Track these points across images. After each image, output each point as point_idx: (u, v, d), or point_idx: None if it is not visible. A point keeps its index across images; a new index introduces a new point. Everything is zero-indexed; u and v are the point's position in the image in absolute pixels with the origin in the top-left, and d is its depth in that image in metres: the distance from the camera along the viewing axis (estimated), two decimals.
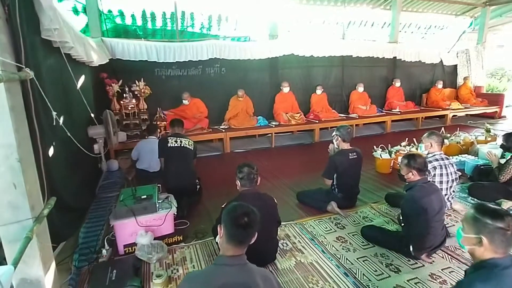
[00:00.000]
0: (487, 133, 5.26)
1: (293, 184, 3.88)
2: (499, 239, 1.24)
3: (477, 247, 1.30)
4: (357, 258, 2.38)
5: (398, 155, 4.27)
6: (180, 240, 2.63)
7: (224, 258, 1.38)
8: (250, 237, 1.42)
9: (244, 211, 1.42)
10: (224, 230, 1.41)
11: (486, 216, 1.28)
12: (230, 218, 1.41)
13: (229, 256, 1.37)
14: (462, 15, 9.52)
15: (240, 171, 2.21)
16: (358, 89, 7.18)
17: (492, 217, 1.26)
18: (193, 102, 5.71)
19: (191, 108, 5.72)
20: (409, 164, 2.36)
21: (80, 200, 3.01)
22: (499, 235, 1.24)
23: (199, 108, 5.78)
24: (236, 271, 1.34)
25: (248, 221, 1.39)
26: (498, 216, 1.26)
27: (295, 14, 8.06)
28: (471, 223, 1.32)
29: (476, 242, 1.29)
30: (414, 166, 2.34)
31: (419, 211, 2.21)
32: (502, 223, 1.24)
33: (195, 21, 7.17)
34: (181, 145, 3.41)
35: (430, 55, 8.31)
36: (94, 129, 3.76)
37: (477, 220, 1.30)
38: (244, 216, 1.40)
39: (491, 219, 1.26)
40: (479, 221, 1.29)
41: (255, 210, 1.47)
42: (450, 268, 2.24)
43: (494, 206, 1.33)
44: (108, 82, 5.00)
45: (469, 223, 1.34)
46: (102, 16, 5.96)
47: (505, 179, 3.24)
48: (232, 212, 1.43)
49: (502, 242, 1.25)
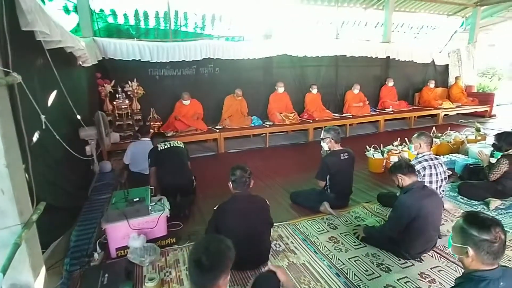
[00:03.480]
0: (477, 132, 5.35)
1: (286, 184, 3.89)
2: (485, 251, 1.22)
3: (465, 257, 1.28)
4: (348, 258, 2.40)
5: (390, 154, 4.32)
6: (173, 242, 2.62)
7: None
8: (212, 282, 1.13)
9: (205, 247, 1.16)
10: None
11: (473, 227, 1.25)
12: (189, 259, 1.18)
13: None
14: (454, 15, 9.62)
15: (232, 174, 2.21)
16: (354, 90, 7.20)
17: (478, 228, 1.24)
18: (193, 103, 5.70)
19: (191, 109, 5.70)
20: (393, 173, 2.45)
21: (71, 202, 2.98)
22: (485, 247, 1.21)
23: (197, 109, 5.77)
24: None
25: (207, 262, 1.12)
26: (485, 227, 1.23)
27: (289, 14, 8.06)
28: (458, 233, 1.30)
29: (463, 252, 1.28)
30: (400, 172, 2.41)
31: (410, 216, 2.24)
32: (489, 235, 1.21)
33: (188, 21, 7.14)
34: (171, 145, 3.45)
35: (422, 55, 8.40)
36: (85, 130, 3.72)
37: (463, 230, 1.28)
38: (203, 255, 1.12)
39: (477, 230, 1.23)
40: (465, 231, 1.27)
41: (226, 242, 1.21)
42: (439, 267, 2.28)
43: (485, 216, 1.30)
44: (100, 83, 4.96)
45: (456, 232, 1.32)
46: (94, 15, 5.90)
47: (495, 178, 3.30)
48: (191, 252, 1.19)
49: (488, 254, 1.22)
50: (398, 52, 7.94)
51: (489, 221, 1.25)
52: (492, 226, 1.22)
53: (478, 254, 1.23)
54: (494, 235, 1.21)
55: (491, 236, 1.21)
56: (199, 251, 1.15)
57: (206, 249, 1.14)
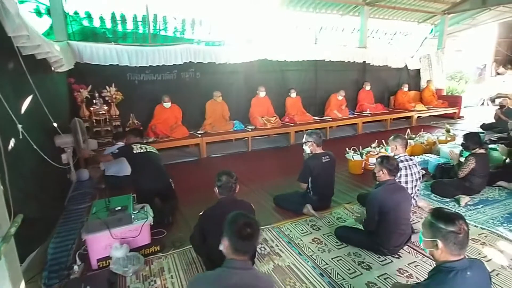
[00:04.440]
0: (447, 133, 5.65)
1: (270, 188, 3.94)
2: (452, 242, 1.36)
3: (435, 250, 1.41)
4: (331, 258, 2.47)
5: (368, 156, 4.48)
6: (157, 250, 2.59)
7: (233, 261, 1.43)
8: (255, 246, 1.47)
9: (245, 222, 1.43)
10: (229, 242, 1.43)
11: (440, 221, 1.39)
12: (233, 231, 1.42)
13: (238, 260, 1.43)
14: (424, 22, 10.13)
15: (218, 179, 2.22)
16: (338, 96, 7.36)
17: (445, 221, 1.38)
18: (172, 107, 5.64)
19: (171, 113, 5.64)
20: (382, 163, 2.53)
21: (47, 213, 2.87)
22: (452, 238, 1.35)
23: (177, 114, 5.72)
24: (245, 274, 1.41)
25: (251, 232, 1.41)
26: (450, 220, 1.37)
27: (269, 19, 8.17)
28: (428, 228, 1.44)
29: (433, 245, 1.40)
30: (386, 166, 2.51)
31: (382, 209, 2.36)
32: (454, 227, 1.35)
33: (168, 25, 7.06)
34: (146, 150, 3.41)
35: (396, 60, 8.79)
36: (61, 138, 3.57)
37: (432, 225, 1.41)
38: (247, 227, 1.41)
39: (444, 223, 1.37)
40: (434, 225, 1.40)
41: (254, 218, 1.49)
42: (416, 262, 2.40)
43: (449, 211, 1.45)
44: (76, 88, 4.80)
45: (426, 227, 1.45)
46: (68, 18, 5.71)
47: (463, 174, 3.52)
48: (234, 225, 1.43)
49: (455, 245, 1.36)
50: (373, 57, 8.26)
51: (453, 215, 1.40)
52: (456, 219, 1.37)
53: (446, 245, 1.36)
54: (459, 227, 1.35)
55: (456, 228, 1.35)
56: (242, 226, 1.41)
57: (247, 224, 1.42)
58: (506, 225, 2.94)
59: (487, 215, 3.14)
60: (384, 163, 2.52)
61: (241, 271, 1.40)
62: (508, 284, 2.16)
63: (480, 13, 10.07)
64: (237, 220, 1.45)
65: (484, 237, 2.73)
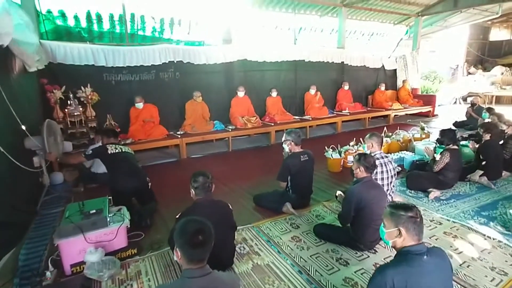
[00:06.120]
0: (422, 131, 5.87)
1: (250, 187, 3.94)
2: (412, 227, 1.49)
3: (398, 239, 1.51)
4: (310, 256, 2.51)
5: (347, 154, 4.58)
6: (134, 253, 2.54)
7: (190, 271, 1.38)
8: (209, 251, 1.40)
9: (196, 229, 1.38)
10: (181, 253, 1.37)
11: (399, 209, 1.53)
12: (184, 240, 1.37)
13: (195, 268, 1.38)
14: (399, 24, 10.49)
15: (194, 181, 2.19)
16: (310, 91, 7.51)
17: (403, 209, 1.52)
18: (146, 107, 5.52)
19: (145, 114, 5.52)
20: (359, 161, 2.60)
21: (18, 218, 2.75)
22: (412, 223, 1.49)
23: (152, 113, 5.60)
24: (204, 280, 1.37)
25: (203, 239, 1.36)
26: (407, 208, 1.53)
27: (248, 19, 8.19)
28: (390, 218, 1.55)
29: (397, 234, 1.51)
30: (363, 163, 2.57)
31: (359, 204, 2.43)
32: (412, 213, 1.50)
33: (146, 24, 6.92)
34: (122, 150, 3.33)
35: (373, 60, 9.04)
36: (30, 140, 3.40)
37: (393, 214, 1.54)
38: (198, 235, 1.36)
39: (403, 211, 1.52)
40: (394, 214, 1.53)
41: (205, 222, 1.43)
42: (391, 257, 2.44)
43: (403, 202, 1.62)
44: (49, 89, 4.62)
45: (388, 218, 1.56)
46: (41, 17, 5.49)
47: (438, 169, 3.68)
48: (184, 234, 1.38)
49: (415, 229, 1.49)
50: (351, 57, 8.46)
51: (408, 204, 1.57)
52: (412, 207, 1.53)
53: (408, 231, 1.49)
54: (415, 212, 1.51)
55: (414, 213, 1.51)
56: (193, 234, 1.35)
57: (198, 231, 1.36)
58: (477, 218, 3.08)
59: (458, 209, 3.28)
60: (361, 160, 2.58)
61: (199, 279, 1.35)
62: (479, 275, 2.25)
63: (451, 15, 10.56)
64: (187, 228, 1.39)
65: (456, 230, 2.85)
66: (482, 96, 11.48)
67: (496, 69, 13.65)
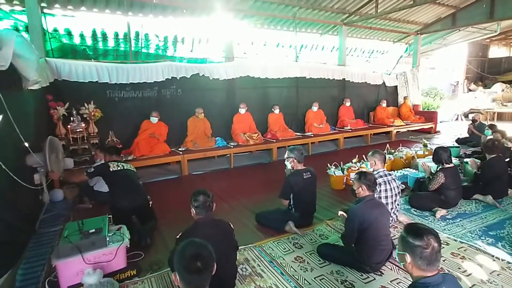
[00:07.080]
0: (424, 147, 5.84)
1: (252, 205, 3.88)
2: (418, 256, 1.38)
3: (406, 264, 1.44)
4: (314, 278, 2.43)
5: (350, 171, 4.53)
6: (133, 274, 2.47)
7: None
8: (209, 278, 1.34)
9: (195, 254, 1.32)
10: (179, 277, 1.32)
11: (409, 235, 1.43)
12: (182, 265, 1.32)
13: None
14: (399, 42, 10.67)
15: (195, 200, 2.15)
16: (313, 108, 7.55)
17: (413, 236, 1.41)
18: (158, 123, 5.58)
19: (154, 129, 5.56)
20: (359, 180, 2.56)
21: (16, 237, 2.70)
22: (418, 252, 1.38)
23: (162, 131, 5.65)
24: None
25: (201, 265, 1.30)
26: (418, 235, 1.40)
27: (250, 37, 8.37)
28: (400, 242, 1.49)
29: (404, 258, 1.44)
30: (364, 181, 2.53)
31: (362, 224, 2.37)
32: (421, 242, 1.38)
33: (150, 42, 7.08)
34: (124, 168, 3.33)
35: (374, 77, 9.13)
36: (32, 157, 3.40)
37: (403, 239, 1.46)
38: (196, 261, 1.30)
39: (412, 237, 1.41)
40: (404, 239, 1.45)
41: (206, 246, 1.38)
42: (398, 279, 2.39)
43: (422, 226, 1.47)
44: (52, 105, 4.67)
45: (399, 241, 1.50)
46: (47, 35, 5.63)
47: (433, 188, 3.60)
48: (183, 259, 1.32)
49: (421, 259, 1.38)
50: (352, 74, 8.55)
51: (423, 230, 1.42)
52: (425, 234, 1.39)
53: (413, 259, 1.39)
54: (426, 242, 1.37)
55: (423, 242, 1.37)
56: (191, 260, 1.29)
57: (196, 256, 1.30)
58: (484, 238, 2.99)
59: (465, 229, 3.20)
60: (362, 179, 2.55)
61: None
62: None
63: (450, 33, 10.75)
64: (185, 252, 1.34)
65: (464, 251, 2.77)
66: (484, 112, 11.50)
67: (497, 86, 13.74)
